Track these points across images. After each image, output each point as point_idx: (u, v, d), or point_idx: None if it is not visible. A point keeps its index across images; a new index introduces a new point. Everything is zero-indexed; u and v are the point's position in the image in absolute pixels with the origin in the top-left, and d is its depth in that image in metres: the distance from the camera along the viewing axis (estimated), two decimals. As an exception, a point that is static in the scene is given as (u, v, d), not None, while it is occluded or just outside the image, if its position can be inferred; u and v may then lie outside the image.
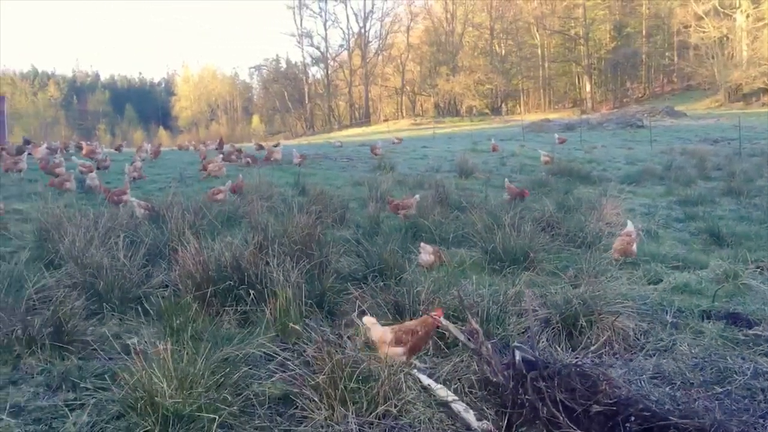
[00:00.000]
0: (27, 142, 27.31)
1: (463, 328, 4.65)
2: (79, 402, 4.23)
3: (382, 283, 6.15)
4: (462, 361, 4.64)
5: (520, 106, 74.81)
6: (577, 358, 4.39)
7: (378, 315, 5.23)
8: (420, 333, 4.56)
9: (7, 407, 4.11)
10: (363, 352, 4.55)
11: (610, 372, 4.22)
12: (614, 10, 68.64)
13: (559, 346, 5.06)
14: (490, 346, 4.24)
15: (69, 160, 17.31)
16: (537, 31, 70.69)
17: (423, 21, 79.31)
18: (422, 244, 7.47)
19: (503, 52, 75.78)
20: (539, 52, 72.07)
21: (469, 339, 4.43)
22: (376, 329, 4.63)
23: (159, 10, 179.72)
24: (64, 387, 4.48)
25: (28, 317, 5.19)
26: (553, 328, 5.32)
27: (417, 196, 10.50)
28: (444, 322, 4.56)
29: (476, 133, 38.07)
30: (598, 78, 72.84)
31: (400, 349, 4.52)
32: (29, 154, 19.19)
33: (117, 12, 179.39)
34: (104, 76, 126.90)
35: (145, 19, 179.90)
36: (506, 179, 11.15)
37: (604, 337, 4.96)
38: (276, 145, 25.01)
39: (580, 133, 30.91)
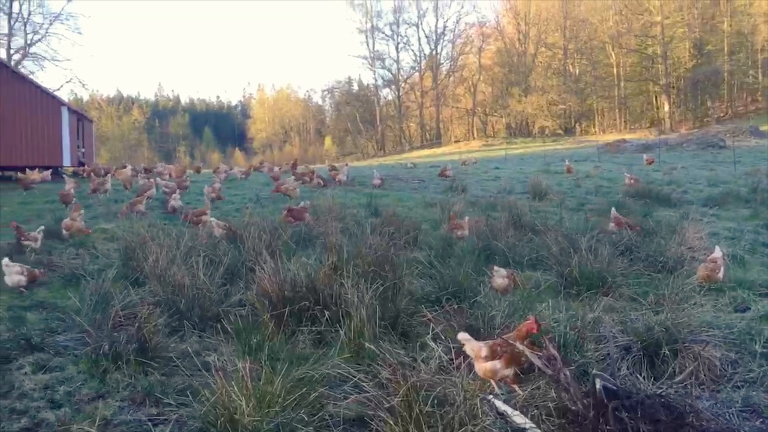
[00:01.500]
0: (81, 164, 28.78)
1: (540, 353, 4.57)
2: (162, 417, 4.37)
3: (455, 306, 6.11)
4: (539, 387, 4.55)
5: (594, 127, 73.36)
6: (660, 388, 4.22)
7: (451, 339, 5.19)
8: (514, 348, 4.50)
9: (97, 420, 4.28)
10: (438, 375, 4.52)
11: (696, 404, 4.04)
12: (694, 28, 66.63)
13: (641, 375, 4.88)
14: (568, 372, 4.14)
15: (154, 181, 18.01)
16: (612, 50, 69.32)
17: (495, 42, 79.05)
18: (495, 267, 7.39)
19: (577, 71, 74.64)
20: (615, 71, 70.62)
21: (546, 365, 4.34)
22: (471, 344, 4.62)
23: (236, 35, 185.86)
24: (147, 402, 4.63)
25: (115, 333, 5.40)
26: (634, 356, 5.14)
27: (467, 218, 10.73)
28: (520, 347, 4.48)
29: (549, 154, 37.52)
30: (677, 97, 70.63)
31: (497, 363, 4.47)
32: (113, 175, 20.11)
33: (197, 37, 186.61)
34: (184, 100, 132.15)
35: (223, 43, 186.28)
36: (613, 209, 10.60)
37: (690, 368, 4.76)
38: (332, 169, 25.20)
39: (658, 154, 30.03)
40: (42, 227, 10.72)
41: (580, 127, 74.82)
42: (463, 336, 4.72)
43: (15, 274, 8.12)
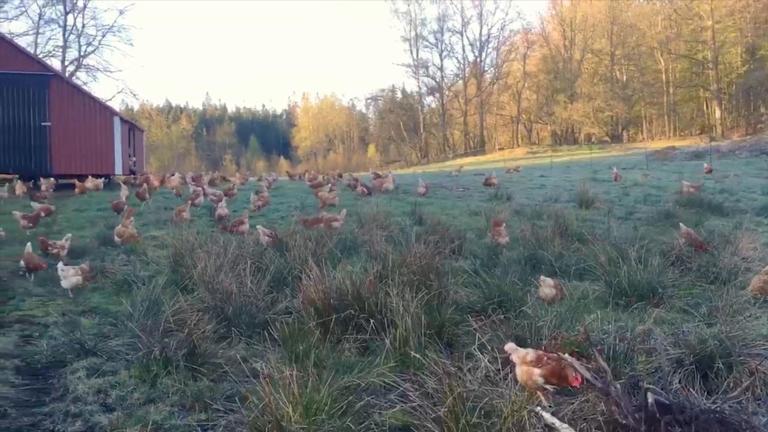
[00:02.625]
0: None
1: (589, 365, 4.49)
2: (211, 423, 4.44)
3: (501, 316, 6.06)
4: (588, 400, 4.46)
5: (642, 134, 71.90)
6: (715, 403, 4.11)
7: (498, 349, 5.14)
8: (561, 363, 4.43)
9: (149, 425, 4.37)
10: (485, 386, 4.48)
11: (753, 420, 3.92)
12: (746, 32, 64.76)
13: (694, 390, 4.76)
14: (618, 386, 4.07)
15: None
16: (661, 55, 67.90)
17: (540, 49, 78.29)
18: (542, 277, 7.30)
19: (624, 78, 73.33)
20: (663, 77, 69.13)
21: (595, 377, 4.27)
22: (517, 353, 4.58)
23: (281, 44, 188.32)
24: (197, 407, 4.71)
25: (165, 339, 5.51)
26: (686, 370, 5.00)
27: (504, 225, 10.71)
28: (569, 359, 4.42)
29: (596, 162, 36.94)
30: (729, 103, 68.71)
31: (537, 370, 4.42)
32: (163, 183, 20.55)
33: (244, 47, 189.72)
34: (231, 109, 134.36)
35: (268, 53, 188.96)
36: (681, 224, 10.15)
37: (746, 383, 4.61)
38: (376, 176, 25.23)
39: (709, 161, 29.30)
40: (69, 235, 11.04)
41: (627, 134, 73.46)
42: (510, 347, 4.68)
43: (72, 276, 8.44)
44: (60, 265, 8.58)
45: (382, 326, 5.88)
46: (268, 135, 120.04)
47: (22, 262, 9.51)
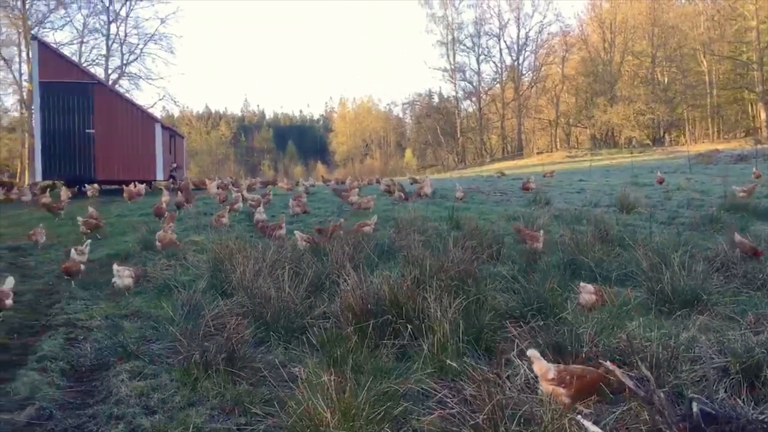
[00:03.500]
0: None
1: (631, 373, 4.40)
2: (250, 427, 4.47)
3: (541, 322, 5.99)
4: (630, 409, 4.38)
5: (684, 137, 70.51)
6: (763, 413, 3.99)
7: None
8: (587, 378, 4.37)
9: (190, 428, 4.42)
10: (524, 393, 4.43)
11: (803, 432, 3.79)
12: (793, 32, 63.14)
13: (740, 399, 4.63)
14: (662, 395, 3.98)
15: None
16: (704, 57, 66.53)
17: (579, 51, 77.36)
18: (582, 284, 7.19)
19: (666, 80, 72.01)
20: (706, 78, 67.70)
21: (638, 386, 4.18)
22: (539, 363, 4.50)
23: (318, 49, 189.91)
24: (236, 411, 4.75)
25: (205, 343, 5.58)
26: (732, 379, 4.88)
27: (541, 231, 10.53)
28: (610, 366, 4.34)
29: (636, 166, 36.24)
30: (775, 105, 66.99)
31: (562, 390, 4.35)
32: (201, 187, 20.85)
33: (281, 53, 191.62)
34: (269, 115, 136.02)
35: (305, 58, 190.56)
36: (736, 233, 9.79)
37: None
38: (414, 181, 25.16)
39: (754, 165, 28.56)
40: (89, 241, 11.38)
41: (669, 138, 72.07)
42: (532, 353, 4.59)
43: (126, 277, 8.72)
44: (115, 265, 8.88)
45: (420, 332, 5.87)
46: (305, 140, 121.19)
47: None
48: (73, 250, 10.24)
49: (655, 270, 7.77)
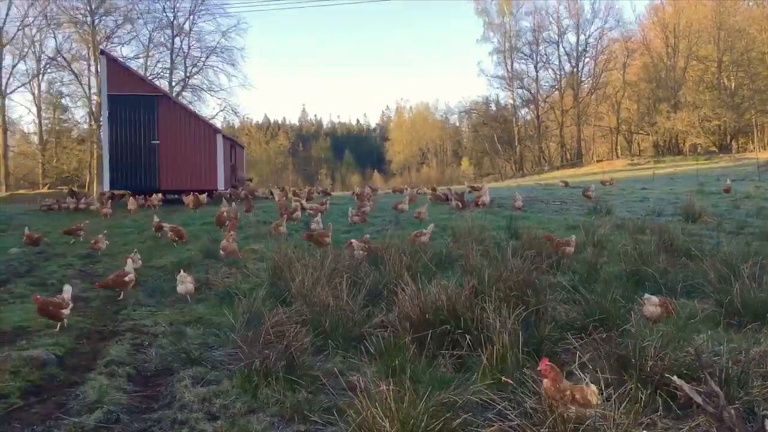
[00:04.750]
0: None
1: (700, 389, 4.26)
2: (310, 435, 4.51)
3: (603, 334, 5.84)
4: (698, 425, 4.24)
5: (753, 143, 67.98)
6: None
7: (600, 368, 4.96)
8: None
9: (251, 435, 4.49)
10: (587, 407, 4.32)
11: None
12: None
13: (817, 418, 4.42)
14: (732, 411, 3.84)
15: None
16: (773, 60, 64.15)
17: (641, 57, 75.64)
18: (646, 295, 6.99)
19: (733, 85, 69.64)
20: (776, 83, 65.23)
21: (707, 402, 4.04)
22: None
23: (375, 59, 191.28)
24: (296, 419, 4.79)
25: (266, 350, 5.65)
26: (808, 396, 4.66)
27: (573, 237, 10.64)
28: (678, 381, 4.20)
29: (702, 174, 35.22)
30: None
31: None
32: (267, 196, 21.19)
33: (338, 62, 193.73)
34: (326, 124, 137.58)
35: (362, 68, 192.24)
36: None
37: None
38: (472, 189, 24.94)
39: (829, 172, 27.34)
40: (135, 250, 11.72)
41: (736, 144, 69.67)
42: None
43: (189, 283, 9.02)
44: (182, 272, 9.16)
45: (478, 342, 5.80)
46: (362, 149, 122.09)
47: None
48: (129, 260, 10.33)
49: (724, 281, 7.51)
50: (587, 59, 79.14)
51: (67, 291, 7.91)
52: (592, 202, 19.96)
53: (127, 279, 9.46)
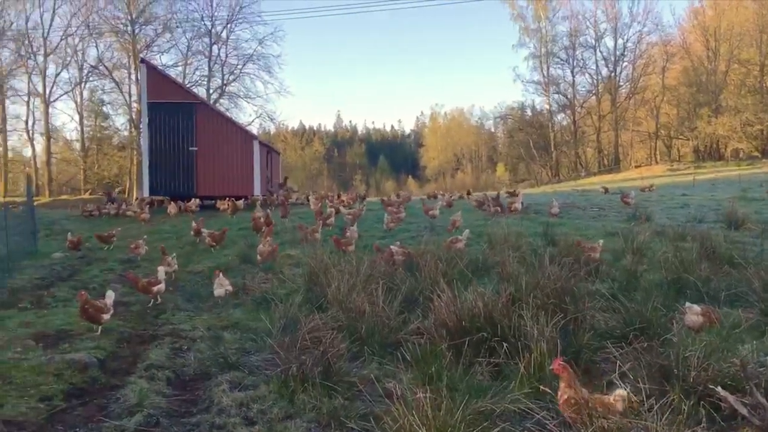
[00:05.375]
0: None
1: (745, 400, 4.15)
2: (346, 441, 4.50)
3: (644, 344, 5.73)
4: (744, 438, 4.13)
5: (797, 148, 66.18)
6: None
7: (640, 378, 4.86)
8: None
9: (288, 440, 4.51)
10: (627, 417, 4.24)
11: None
12: None
13: None
14: (780, 425, 3.72)
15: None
16: (818, 63, 62.40)
17: (680, 61, 74.19)
18: (688, 304, 6.85)
19: (776, 89, 67.92)
20: (821, 86, 63.44)
21: (752, 413, 3.94)
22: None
23: (409, 65, 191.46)
24: (332, 425, 4.80)
25: (302, 356, 5.68)
26: None
27: (600, 242, 10.65)
28: (722, 392, 4.10)
29: (744, 179, 34.33)
30: None
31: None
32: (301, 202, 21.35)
33: (372, 69, 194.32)
34: (360, 130, 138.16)
35: (397, 74, 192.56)
36: None
37: None
38: (510, 194, 24.73)
39: None
40: (174, 254, 11.94)
41: (781, 149, 67.85)
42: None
43: (227, 286, 9.17)
44: (220, 276, 9.30)
45: (516, 350, 5.74)
46: (396, 155, 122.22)
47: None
48: (161, 268, 10.32)
49: (769, 290, 7.32)
50: (625, 63, 77.89)
51: (110, 297, 8.06)
52: (631, 208, 19.63)
53: (154, 289, 9.56)
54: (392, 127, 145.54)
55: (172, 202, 25.05)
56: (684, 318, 6.68)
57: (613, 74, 77.57)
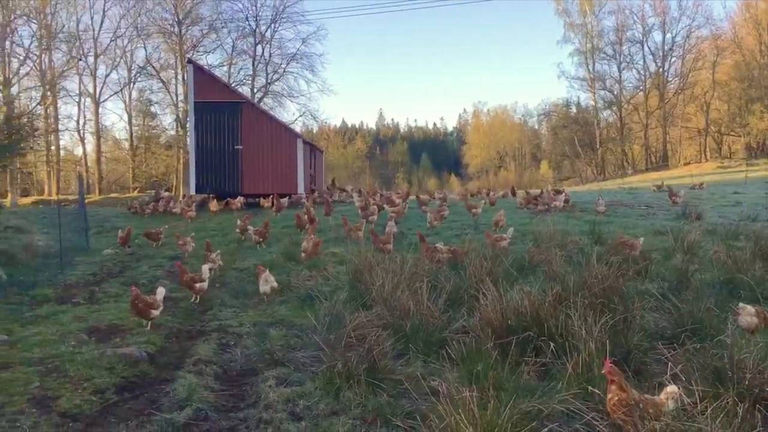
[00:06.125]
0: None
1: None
2: (392, 439, 4.50)
3: (696, 345, 5.59)
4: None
5: None
6: None
7: (693, 380, 4.74)
8: None
9: (335, 437, 4.53)
10: (680, 420, 4.14)
11: None
12: None
13: None
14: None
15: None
16: None
17: (731, 55, 72.09)
18: (741, 304, 6.66)
19: (834, 82, 65.53)
20: None
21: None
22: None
23: (452, 63, 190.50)
24: (378, 422, 4.80)
25: (347, 353, 5.70)
26: None
27: (641, 239, 10.73)
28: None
29: (800, 177, 33.31)
30: None
31: None
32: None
33: (415, 66, 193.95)
34: (403, 128, 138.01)
35: (440, 72, 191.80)
36: None
37: None
38: (557, 192, 24.38)
39: None
40: (218, 251, 12.12)
41: (838, 145, 65.49)
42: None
43: (273, 282, 9.29)
44: (266, 272, 9.40)
45: (563, 350, 5.65)
46: (438, 153, 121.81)
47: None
48: (205, 267, 10.28)
49: (828, 292, 7.06)
50: (674, 58, 76.06)
51: (161, 293, 8.22)
52: (681, 206, 19.20)
53: (197, 287, 9.69)
54: (434, 124, 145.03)
55: (214, 200, 25.44)
56: (738, 319, 6.51)
57: (661, 69, 75.89)
